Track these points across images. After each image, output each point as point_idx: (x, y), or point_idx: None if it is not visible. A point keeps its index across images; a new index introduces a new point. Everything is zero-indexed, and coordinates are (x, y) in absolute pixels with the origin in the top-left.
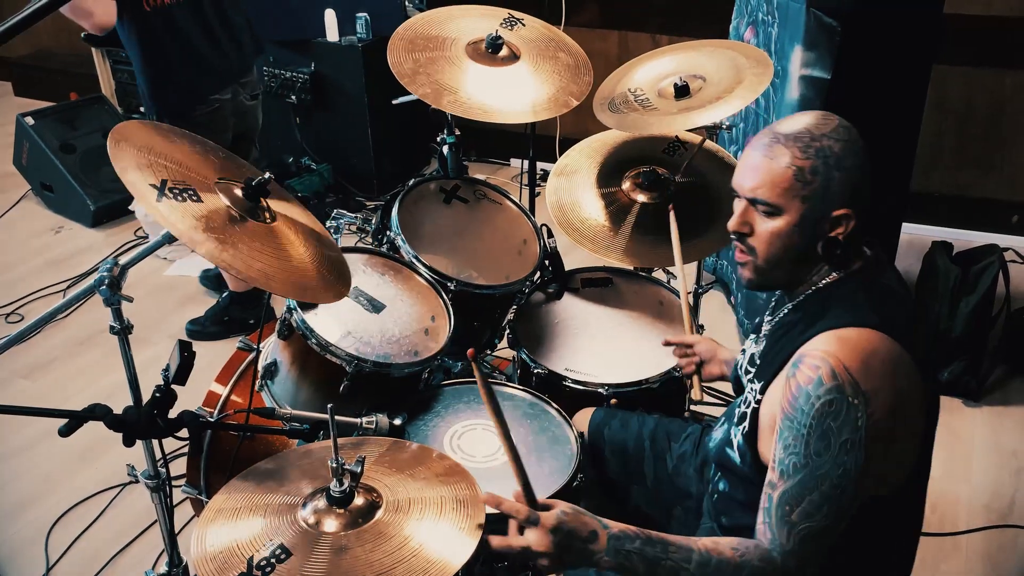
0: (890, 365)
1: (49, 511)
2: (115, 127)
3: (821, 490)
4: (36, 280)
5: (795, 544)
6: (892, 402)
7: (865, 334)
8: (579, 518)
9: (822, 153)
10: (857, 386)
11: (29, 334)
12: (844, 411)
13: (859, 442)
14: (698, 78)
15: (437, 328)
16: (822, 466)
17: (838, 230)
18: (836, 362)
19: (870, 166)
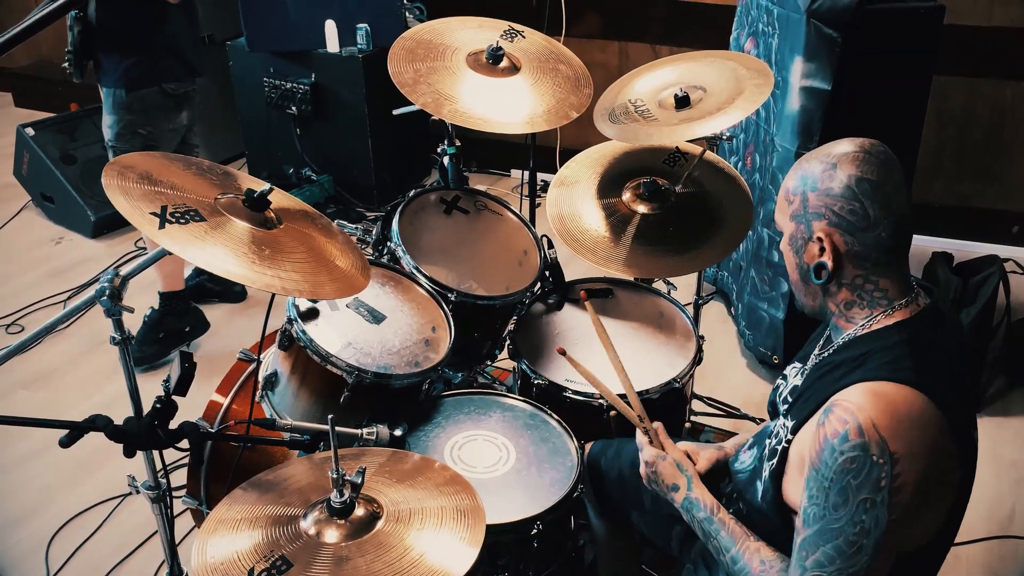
0: (923, 426)
1: (49, 522)
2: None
3: (835, 543)
4: (37, 291)
5: None
6: (921, 466)
7: (900, 392)
8: (671, 469)
9: (804, 172)
10: (884, 445)
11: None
12: (867, 470)
13: (880, 502)
14: (698, 89)
15: (437, 339)
16: (838, 520)
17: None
18: (865, 418)
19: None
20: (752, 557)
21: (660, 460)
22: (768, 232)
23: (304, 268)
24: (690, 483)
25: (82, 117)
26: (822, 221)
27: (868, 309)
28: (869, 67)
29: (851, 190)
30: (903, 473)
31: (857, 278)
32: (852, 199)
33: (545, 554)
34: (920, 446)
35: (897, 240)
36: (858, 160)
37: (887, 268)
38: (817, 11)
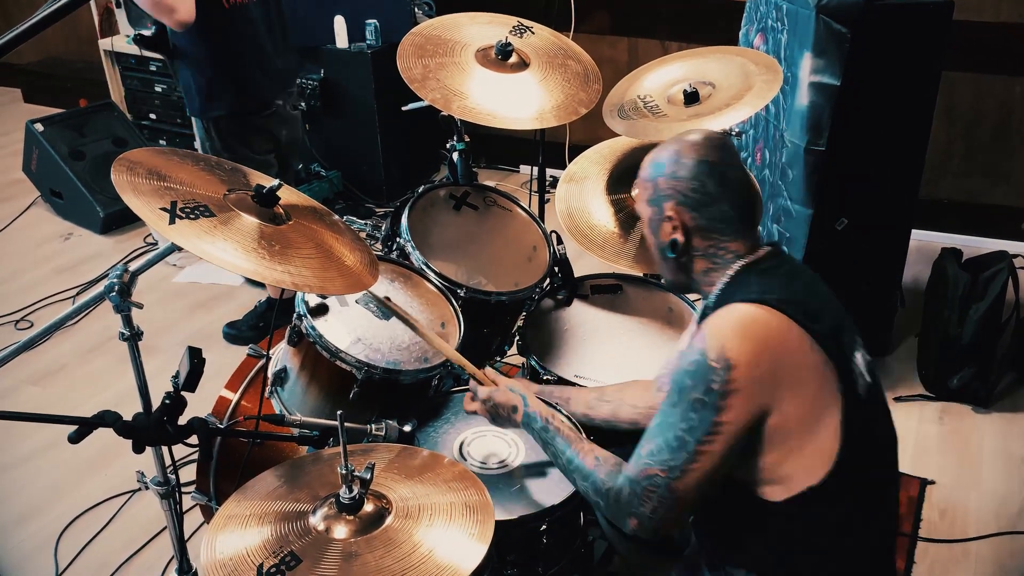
0: (766, 335)
1: (58, 518)
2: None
3: (665, 436)
4: (45, 287)
5: (635, 474)
6: (760, 371)
7: (747, 307)
8: (506, 395)
9: (655, 160)
10: (722, 352)
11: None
12: (701, 372)
13: (709, 403)
14: (708, 84)
15: (447, 334)
16: (672, 416)
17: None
18: (708, 330)
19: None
20: (587, 455)
21: (494, 392)
22: (778, 227)
23: (313, 264)
24: (525, 400)
25: (91, 113)
26: (671, 201)
27: (723, 270)
28: (878, 63)
29: (691, 171)
30: (738, 380)
31: (709, 248)
32: (694, 179)
33: (554, 550)
34: (759, 354)
35: (740, 211)
36: (698, 146)
37: (734, 234)
38: (826, 7)
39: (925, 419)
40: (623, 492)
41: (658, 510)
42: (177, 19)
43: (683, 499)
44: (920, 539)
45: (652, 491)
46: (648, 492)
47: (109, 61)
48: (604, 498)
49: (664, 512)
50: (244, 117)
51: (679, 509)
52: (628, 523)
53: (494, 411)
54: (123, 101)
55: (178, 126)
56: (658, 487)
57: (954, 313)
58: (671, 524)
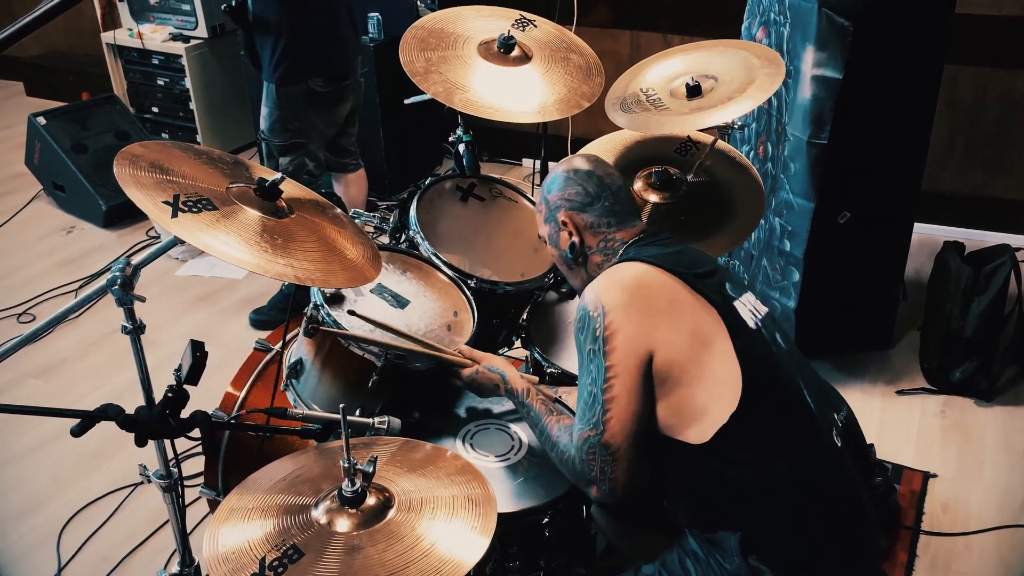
0: (638, 283)
1: (61, 511)
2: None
3: (583, 397)
4: (48, 280)
5: (576, 442)
6: (635, 315)
7: (618, 266)
8: (486, 375)
9: (544, 185)
10: (597, 302)
11: (41, 334)
12: (586, 324)
13: (598, 350)
14: (710, 78)
15: (460, 322)
16: (583, 376)
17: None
18: (589, 288)
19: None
20: (554, 426)
21: (475, 374)
22: (779, 221)
23: (316, 257)
24: (504, 378)
25: (93, 106)
26: (562, 210)
27: (614, 256)
28: (880, 56)
29: (571, 180)
30: (614, 321)
31: (600, 241)
32: (575, 184)
33: (556, 543)
34: (632, 297)
35: (619, 204)
36: (574, 159)
37: (619, 225)
38: (829, 0)
39: (927, 412)
40: (575, 462)
41: (604, 469)
42: None
43: (617, 451)
44: (923, 532)
45: (592, 452)
46: (590, 455)
47: (111, 54)
48: (567, 469)
49: (610, 471)
50: (328, 85)
51: (621, 463)
52: (590, 491)
53: (479, 389)
54: (125, 94)
55: (180, 119)
56: (594, 447)
57: (956, 306)
58: (621, 482)
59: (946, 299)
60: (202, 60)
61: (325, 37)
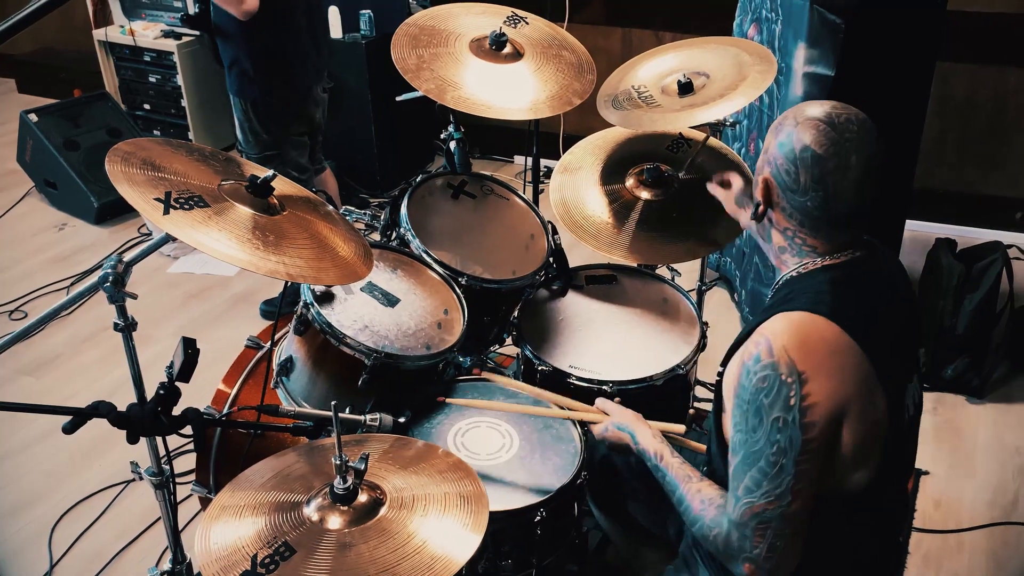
0: (834, 352)
1: (52, 508)
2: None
3: (758, 466)
4: (40, 277)
5: (739, 516)
6: (831, 386)
7: (813, 319)
8: (615, 433)
9: (782, 121)
10: (792, 365)
11: (33, 331)
12: (776, 388)
13: (792, 421)
14: (702, 75)
15: (451, 320)
16: (757, 443)
17: (761, 200)
18: (775, 340)
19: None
20: (694, 497)
21: (605, 433)
22: None
23: (307, 254)
24: (634, 437)
25: (85, 103)
26: (769, 169)
27: (798, 258)
28: (872, 53)
29: (794, 154)
30: (812, 393)
31: (787, 230)
32: (792, 162)
33: (549, 541)
34: (829, 368)
35: (826, 213)
36: (816, 129)
37: (815, 232)
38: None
39: None
40: (732, 538)
41: (776, 545)
42: (245, 9)
43: (798, 528)
44: (915, 529)
45: (764, 527)
46: (760, 530)
47: (103, 51)
48: (713, 545)
49: (783, 545)
50: (285, 100)
51: (796, 538)
52: (742, 568)
53: (614, 447)
54: (117, 91)
55: (172, 116)
56: (771, 520)
57: (948, 304)
58: (789, 558)
59: (938, 296)
60: (194, 57)
61: (285, 52)
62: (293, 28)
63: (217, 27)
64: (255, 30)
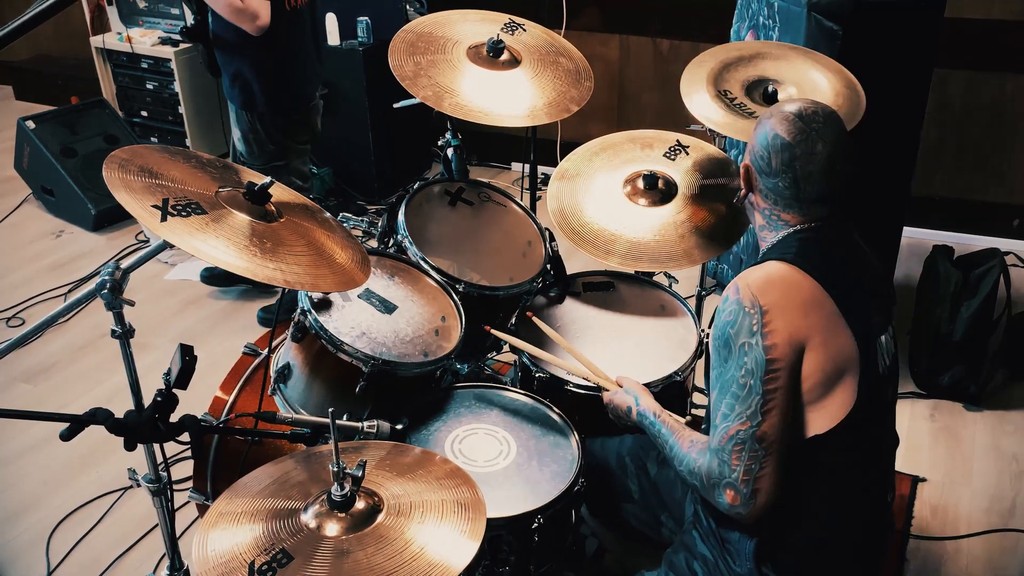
0: (794, 289)
1: (50, 515)
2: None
3: (731, 391)
4: (37, 284)
5: (717, 443)
6: (791, 315)
7: (775, 265)
8: (620, 397)
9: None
10: (755, 299)
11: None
12: (740, 318)
13: (755, 344)
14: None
15: (448, 328)
16: (728, 370)
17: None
18: (742, 283)
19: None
20: (684, 441)
21: (613, 395)
22: None
23: (305, 261)
24: (637, 400)
25: (83, 110)
26: (749, 158)
27: (774, 231)
28: (869, 60)
29: (767, 142)
30: (773, 320)
31: (764, 209)
32: (766, 148)
33: (546, 548)
34: (788, 299)
35: (796, 192)
36: (788, 121)
37: (788, 209)
38: (818, 4)
39: (916, 416)
40: (712, 466)
41: (751, 468)
42: (258, 25)
43: (771, 445)
44: (912, 536)
45: (739, 449)
46: (736, 453)
47: (100, 58)
48: (697, 478)
49: (757, 468)
50: (290, 111)
51: (770, 461)
52: (724, 496)
53: (615, 413)
54: (115, 98)
55: (169, 123)
56: (744, 441)
57: (945, 310)
58: (766, 483)
59: (935, 303)
60: (191, 64)
61: (295, 65)
62: (300, 40)
63: (218, 39)
64: (263, 44)
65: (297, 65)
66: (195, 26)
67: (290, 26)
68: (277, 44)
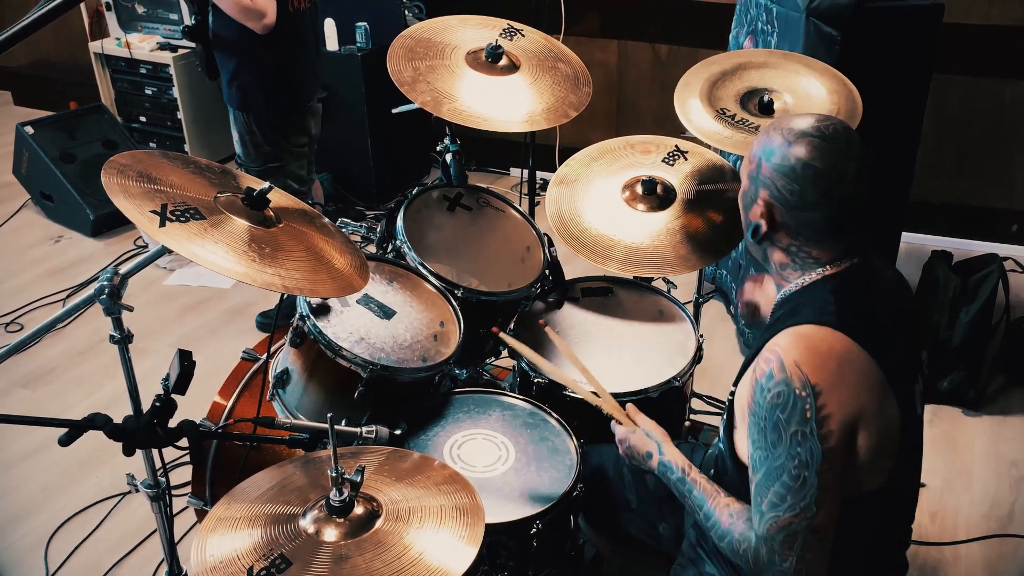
0: (844, 362)
1: (49, 520)
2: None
3: (781, 480)
4: (36, 289)
5: (765, 531)
6: (844, 396)
7: (821, 332)
8: (641, 438)
9: (766, 141)
10: (805, 379)
11: (29, 343)
12: (791, 403)
13: (810, 433)
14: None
15: (447, 333)
16: (779, 458)
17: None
18: (787, 356)
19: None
20: (722, 512)
21: (630, 434)
22: None
23: (303, 266)
24: (661, 448)
25: (81, 116)
26: (766, 191)
27: (800, 271)
28: (868, 65)
29: (795, 172)
30: (827, 404)
31: (791, 246)
32: (794, 181)
33: (544, 553)
34: (841, 378)
35: (831, 223)
36: (811, 144)
37: (819, 243)
38: (816, 9)
39: None
40: (760, 553)
41: (805, 557)
42: (265, 23)
43: (826, 536)
44: (911, 542)
45: (792, 540)
46: (788, 543)
47: (99, 64)
48: (743, 560)
49: (811, 559)
50: (288, 113)
51: (824, 548)
52: None
53: (629, 452)
54: (113, 104)
55: (168, 128)
56: (798, 533)
57: (944, 316)
58: (819, 569)
59: (934, 309)
60: (190, 69)
61: (296, 66)
62: (302, 42)
63: (219, 39)
64: (265, 43)
65: (298, 66)
66: (195, 26)
67: (292, 28)
68: (279, 45)
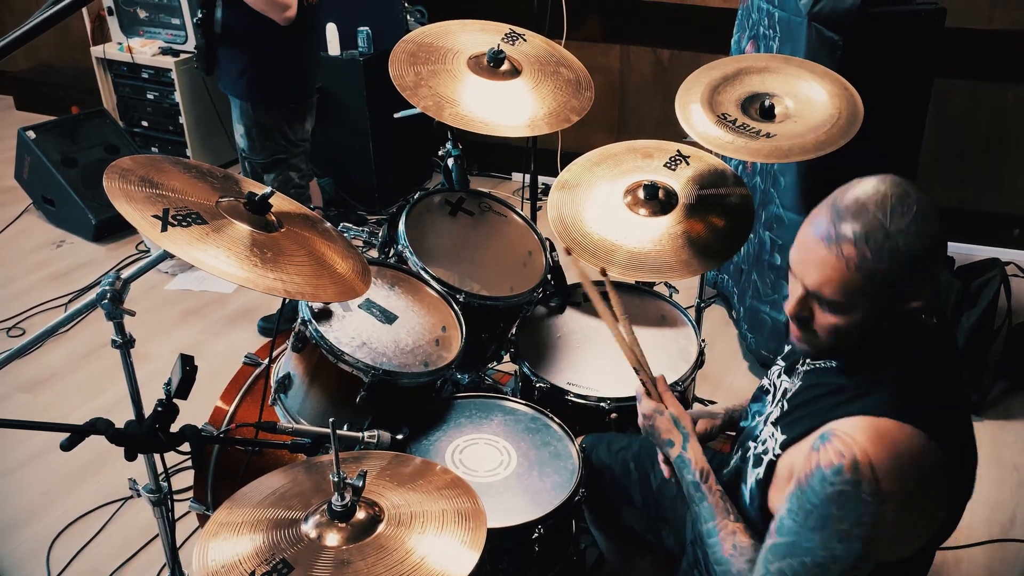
0: (921, 469)
1: (50, 525)
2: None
3: (803, 560)
4: (37, 294)
5: None
6: (909, 506)
7: (903, 432)
8: (668, 424)
9: (895, 254)
10: (877, 487)
11: (30, 348)
12: (851, 505)
13: (857, 536)
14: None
15: (448, 338)
16: (811, 541)
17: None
18: (863, 456)
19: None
20: (726, 539)
21: (658, 415)
22: (770, 235)
23: (305, 271)
24: (685, 442)
25: (83, 120)
26: (915, 291)
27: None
28: (870, 70)
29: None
30: (888, 513)
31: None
32: (938, 254)
33: (546, 558)
34: (913, 489)
35: None
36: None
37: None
38: (818, 14)
39: None
40: None
41: None
42: (286, 16)
43: None
44: None
45: None
46: None
47: (101, 68)
48: None
49: None
50: (293, 104)
51: None
52: None
53: (650, 430)
54: (115, 108)
55: (170, 133)
56: None
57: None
58: None
59: None
60: (192, 74)
61: (303, 57)
62: (312, 36)
63: (230, 32)
64: (283, 35)
65: (308, 58)
66: (202, 20)
67: (304, 22)
68: (294, 36)
